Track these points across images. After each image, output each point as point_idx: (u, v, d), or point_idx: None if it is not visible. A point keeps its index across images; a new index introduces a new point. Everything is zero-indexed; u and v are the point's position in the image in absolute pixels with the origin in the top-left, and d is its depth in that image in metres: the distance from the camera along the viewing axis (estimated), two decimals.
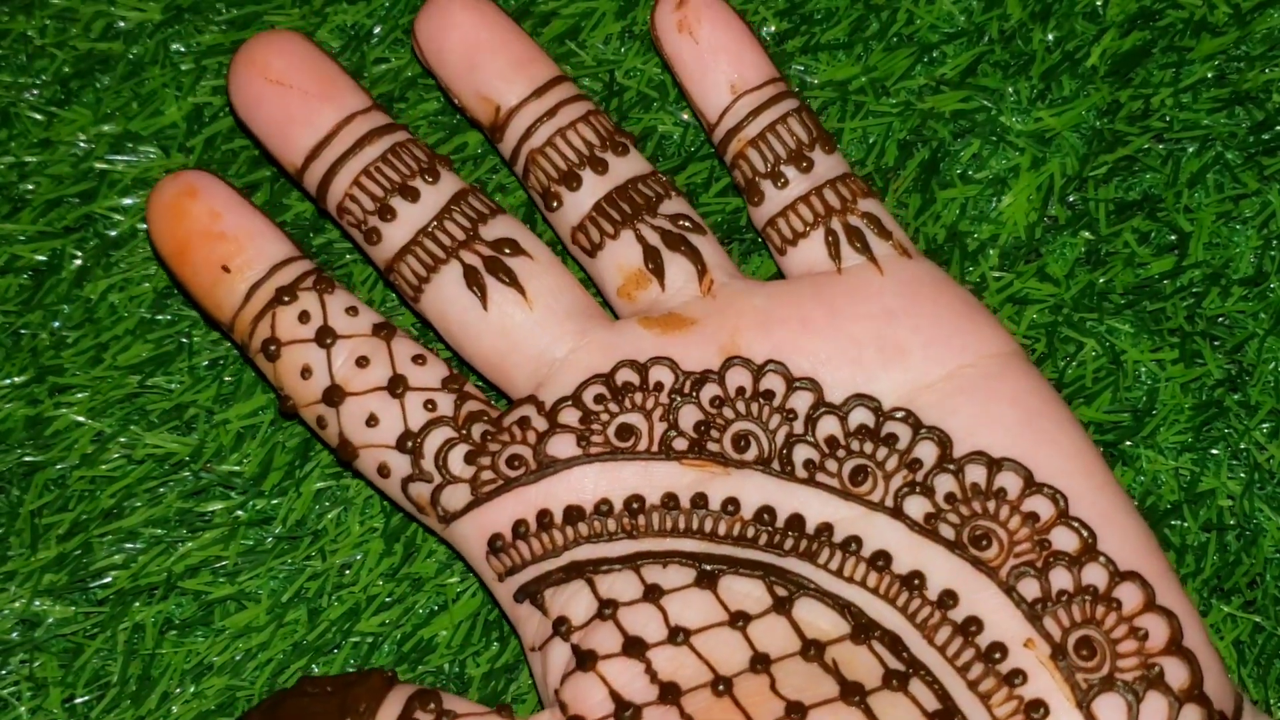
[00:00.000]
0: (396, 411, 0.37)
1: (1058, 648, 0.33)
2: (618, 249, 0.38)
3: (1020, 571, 0.34)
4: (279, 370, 0.38)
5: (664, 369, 0.37)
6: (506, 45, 0.39)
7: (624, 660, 0.34)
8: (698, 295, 0.38)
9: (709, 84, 0.39)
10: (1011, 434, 0.35)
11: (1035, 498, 0.35)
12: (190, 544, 0.40)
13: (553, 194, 0.39)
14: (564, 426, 0.36)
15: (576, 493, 0.36)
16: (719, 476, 0.36)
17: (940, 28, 0.42)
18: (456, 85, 0.39)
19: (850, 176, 0.39)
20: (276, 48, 0.39)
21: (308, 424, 0.38)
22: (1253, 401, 0.40)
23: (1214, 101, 0.42)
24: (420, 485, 0.37)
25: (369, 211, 0.38)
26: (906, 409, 0.36)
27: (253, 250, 0.38)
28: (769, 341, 0.37)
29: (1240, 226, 0.41)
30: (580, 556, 0.36)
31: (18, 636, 0.39)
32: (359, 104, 0.39)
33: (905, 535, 0.35)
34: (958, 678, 0.34)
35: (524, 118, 0.39)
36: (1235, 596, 0.40)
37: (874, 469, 0.36)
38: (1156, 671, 0.33)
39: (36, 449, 0.40)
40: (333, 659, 0.39)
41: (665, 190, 0.39)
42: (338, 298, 0.38)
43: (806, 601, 0.35)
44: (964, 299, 0.37)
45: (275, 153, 0.39)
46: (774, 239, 0.38)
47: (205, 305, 0.38)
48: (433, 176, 0.38)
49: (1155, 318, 0.41)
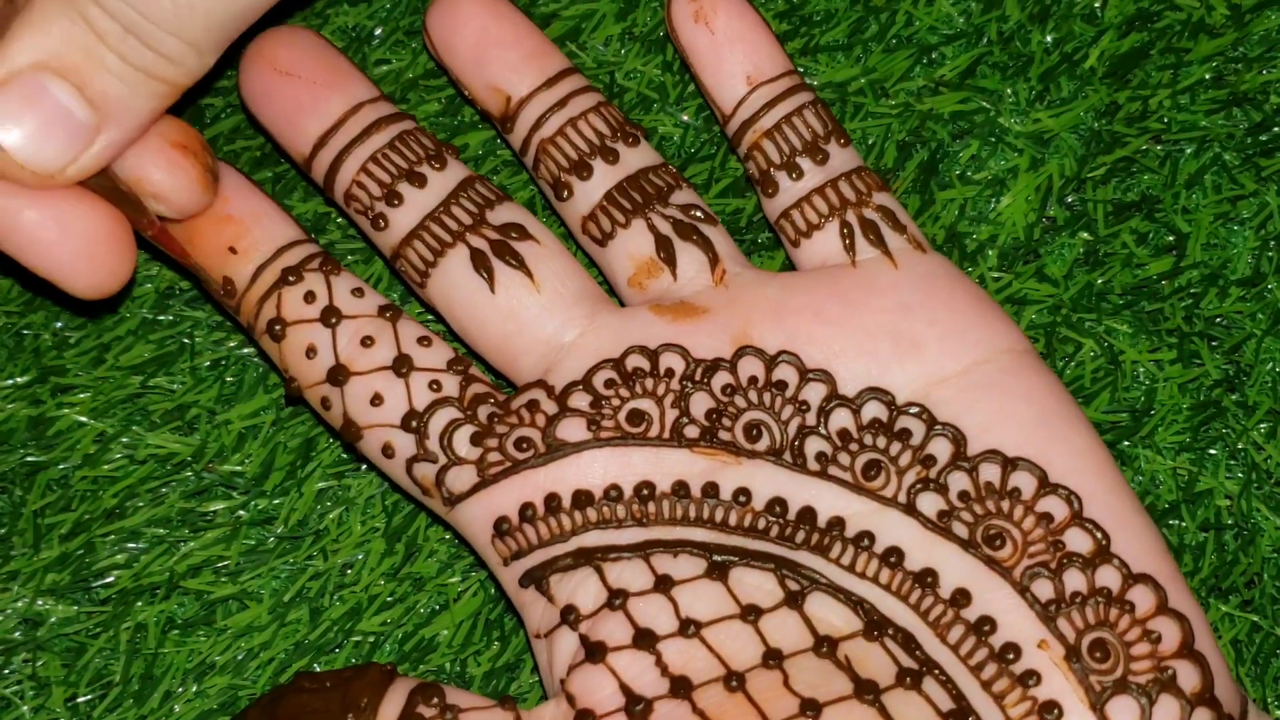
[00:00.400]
0: (401, 391, 0.37)
1: (1072, 649, 0.33)
2: (629, 238, 0.38)
3: (1034, 572, 0.34)
4: (284, 350, 0.38)
5: (675, 355, 0.37)
6: (517, 38, 0.39)
7: (634, 652, 0.34)
8: (710, 285, 0.38)
9: (724, 75, 0.39)
10: (1025, 432, 0.35)
11: (1049, 498, 0.35)
12: (192, 544, 0.40)
13: (563, 183, 0.39)
14: (574, 410, 0.36)
15: (585, 477, 0.36)
16: (730, 466, 0.36)
17: (939, 29, 0.43)
18: (467, 77, 0.40)
19: (865, 170, 0.39)
20: (285, 41, 0.39)
21: (312, 406, 0.38)
22: (1250, 402, 0.40)
23: (1212, 103, 0.42)
24: (425, 466, 0.37)
25: (376, 197, 0.38)
26: (920, 404, 0.36)
27: (259, 232, 0.38)
28: (782, 332, 0.37)
29: (1238, 227, 0.42)
30: (589, 543, 0.35)
31: (20, 636, 0.40)
32: (366, 93, 0.39)
33: (918, 532, 0.35)
34: (971, 678, 0.34)
35: (535, 108, 0.39)
36: (1233, 596, 0.40)
37: (887, 464, 0.35)
38: (1169, 674, 0.33)
39: (39, 449, 0.41)
40: (334, 658, 0.39)
41: (676, 181, 0.39)
42: (344, 279, 0.38)
43: (818, 596, 0.35)
44: (978, 294, 0.37)
45: (284, 142, 0.39)
46: (788, 231, 0.38)
47: (212, 289, 0.38)
48: (440, 163, 0.39)
49: (1153, 318, 0.41)
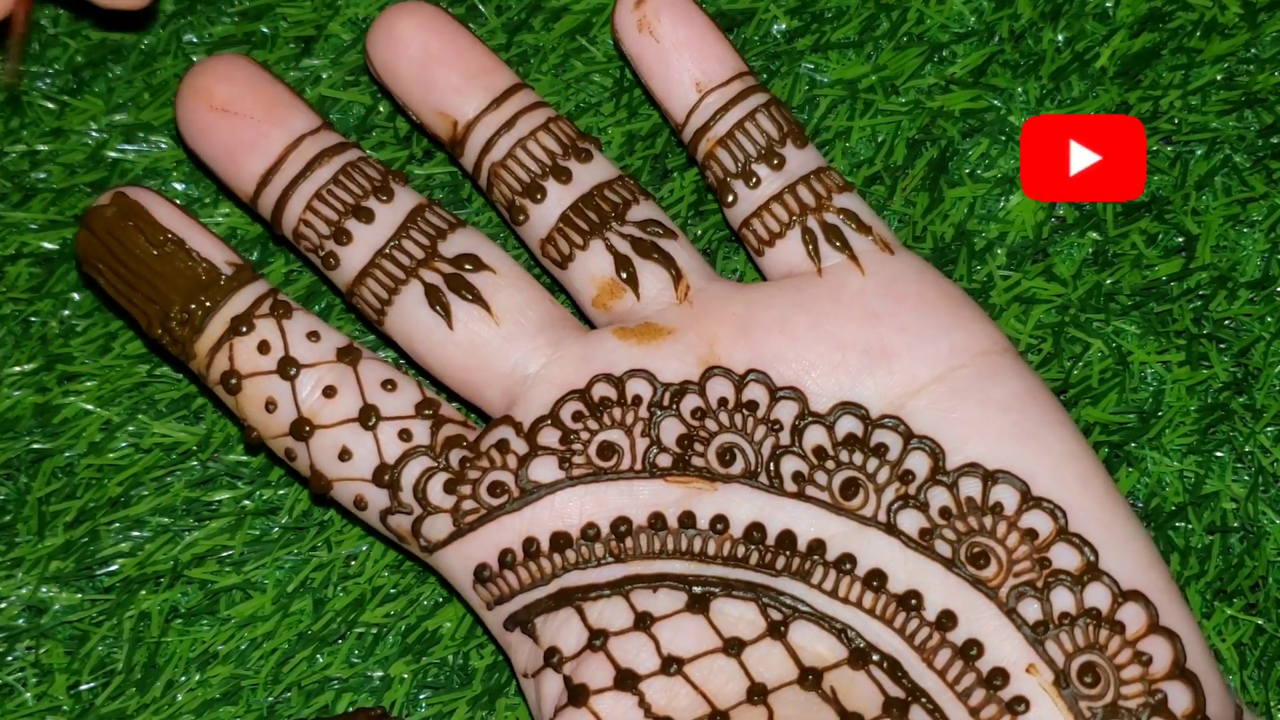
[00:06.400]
0: (370, 444, 0.36)
1: (1061, 674, 0.33)
2: (588, 259, 0.37)
3: (1020, 591, 0.33)
4: (242, 403, 0.37)
5: (641, 381, 0.36)
6: (460, 56, 0.38)
7: (616, 694, 0.33)
8: (674, 302, 0.37)
9: (673, 83, 0.38)
10: (1006, 442, 0.34)
11: (1034, 512, 0.34)
12: (197, 533, 0.40)
13: (518, 207, 0.37)
14: (545, 448, 0.35)
15: (562, 518, 0.35)
16: (705, 492, 0.35)
17: (950, 27, 0.42)
18: (412, 101, 0.38)
19: (825, 170, 0.37)
20: (220, 74, 0.38)
21: (275, 456, 0.37)
22: (1258, 405, 0.40)
23: (1223, 104, 0.42)
24: (400, 517, 0.36)
25: (324, 236, 0.37)
26: (896, 416, 0.35)
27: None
28: (749, 350, 0.36)
29: (1248, 230, 0.41)
30: (569, 583, 0.35)
31: (24, 623, 0.40)
32: (307, 125, 0.38)
33: (900, 552, 0.34)
34: (958, 704, 0.33)
35: (482, 130, 0.38)
36: (1238, 599, 0.40)
37: (865, 481, 0.35)
38: (1160, 698, 0.33)
39: (45, 437, 0.41)
40: (337, 649, 0.39)
41: (633, 194, 0.38)
42: (297, 322, 0.37)
43: (802, 624, 0.34)
44: (950, 294, 0.36)
45: (227, 181, 0.38)
46: (750, 240, 0.37)
47: (152, 332, 0.37)
48: (386, 195, 0.37)
49: (1162, 319, 0.41)
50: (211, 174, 0.39)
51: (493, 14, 0.43)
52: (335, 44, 0.43)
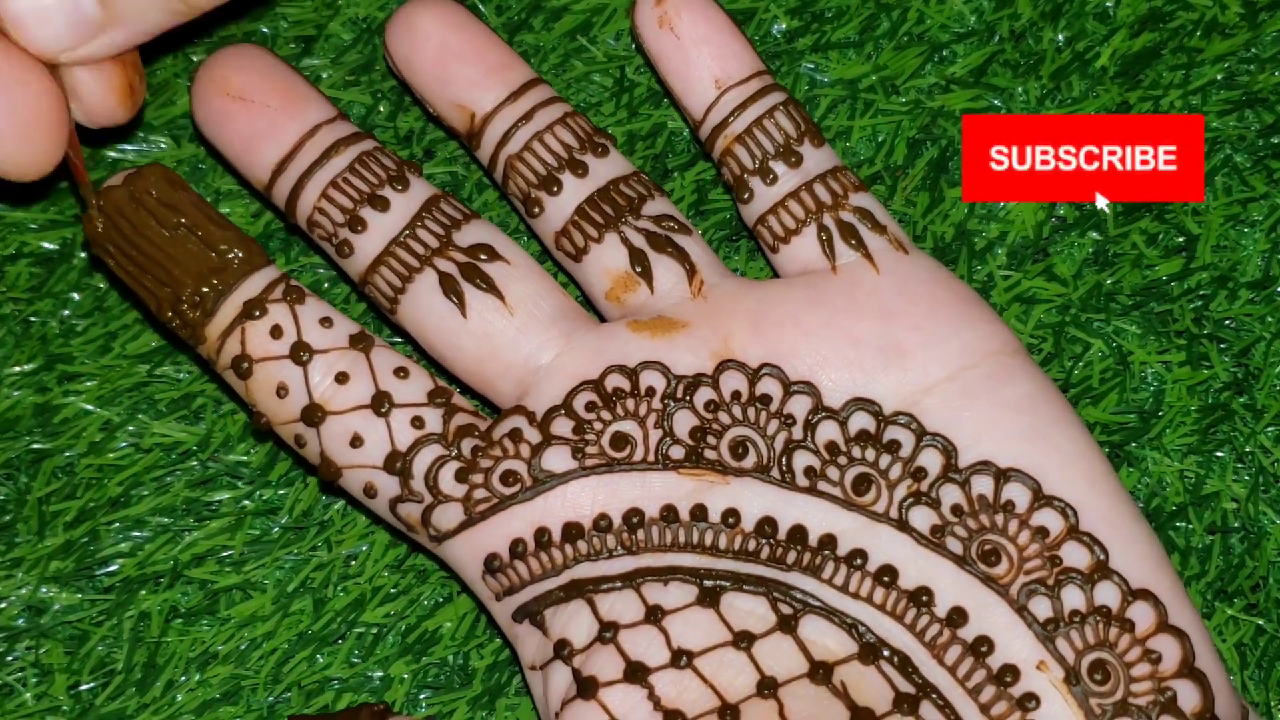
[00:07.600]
0: (382, 430, 0.36)
1: (1071, 671, 0.33)
2: (603, 252, 0.37)
3: (1031, 589, 0.34)
4: (251, 388, 0.36)
5: (655, 373, 0.36)
6: (478, 50, 0.38)
7: (626, 686, 0.34)
8: (688, 297, 0.37)
9: (692, 80, 0.38)
10: (1017, 441, 0.35)
11: (1045, 511, 0.34)
12: (197, 533, 0.40)
13: (533, 200, 0.38)
14: (558, 438, 0.35)
15: (574, 509, 0.35)
16: (718, 485, 0.35)
17: (951, 27, 0.42)
18: (430, 94, 0.39)
19: (841, 170, 0.38)
20: (236, 63, 0.38)
21: (284, 442, 0.37)
22: (1259, 405, 0.40)
23: (1224, 104, 0.42)
24: (410, 506, 0.36)
25: (339, 224, 0.37)
26: (909, 413, 0.35)
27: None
28: (764, 344, 0.36)
29: (1249, 230, 0.41)
30: (580, 575, 0.35)
31: (24, 623, 0.40)
32: (323, 115, 0.38)
33: (911, 548, 0.34)
34: (969, 700, 0.33)
35: (500, 123, 0.38)
36: (1238, 599, 0.40)
37: (877, 477, 0.35)
38: (1170, 696, 0.33)
39: (45, 436, 0.41)
40: (337, 649, 0.39)
41: (648, 190, 0.38)
42: (310, 308, 0.37)
43: (812, 619, 0.34)
44: (964, 295, 0.37)
45: (242, 170, 0.38)
46: (765, 237, 0.38)
47: (162, 316, 0.37)
48: (402, 184, 0.37)
49: (1162, 319, 0.41)
50: (226, 163, 0.39)
51: (493, 14, 0.43)
52: (335, 44, 0.43)
